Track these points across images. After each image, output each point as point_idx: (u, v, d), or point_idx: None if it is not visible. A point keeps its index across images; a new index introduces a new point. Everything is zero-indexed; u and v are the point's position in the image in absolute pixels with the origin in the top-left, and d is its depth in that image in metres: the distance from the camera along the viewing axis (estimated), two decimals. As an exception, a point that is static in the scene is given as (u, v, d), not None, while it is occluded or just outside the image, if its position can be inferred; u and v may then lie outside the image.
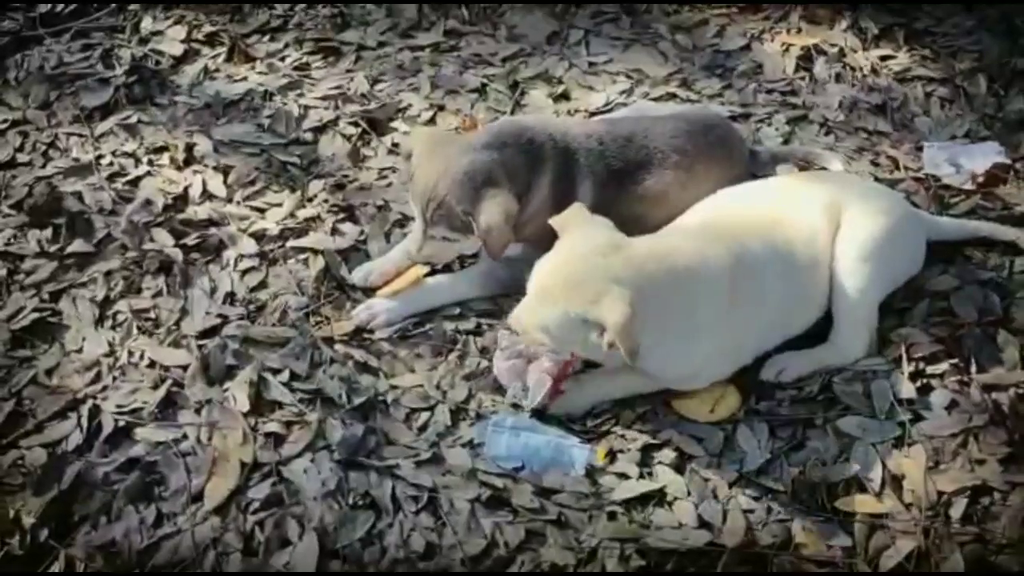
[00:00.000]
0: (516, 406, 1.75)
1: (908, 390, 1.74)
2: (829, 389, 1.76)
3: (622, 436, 1.71)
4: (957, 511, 1.58)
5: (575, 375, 1.76)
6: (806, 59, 2.64)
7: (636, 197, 1.95)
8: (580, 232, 1.66)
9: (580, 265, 1.61)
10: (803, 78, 2.59)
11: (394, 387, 1.80)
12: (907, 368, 1.77)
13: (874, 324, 1.82)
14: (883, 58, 2.65)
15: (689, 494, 1.62)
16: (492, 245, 1.80)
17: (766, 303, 1.75)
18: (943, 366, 1.78)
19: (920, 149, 2.35)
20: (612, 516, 1.59)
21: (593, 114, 2.42)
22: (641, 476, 1.64)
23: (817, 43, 2.69)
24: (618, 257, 1.61)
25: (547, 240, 1.70)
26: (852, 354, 1.80)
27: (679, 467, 1.66)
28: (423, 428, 1.74)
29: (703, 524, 1.58)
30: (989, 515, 1.58)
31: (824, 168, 2.24)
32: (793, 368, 1.79)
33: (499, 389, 1.79)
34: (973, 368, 1.78)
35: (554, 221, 1.70)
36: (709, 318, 1.67)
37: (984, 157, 2.30)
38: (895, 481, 1.62)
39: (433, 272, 1.99)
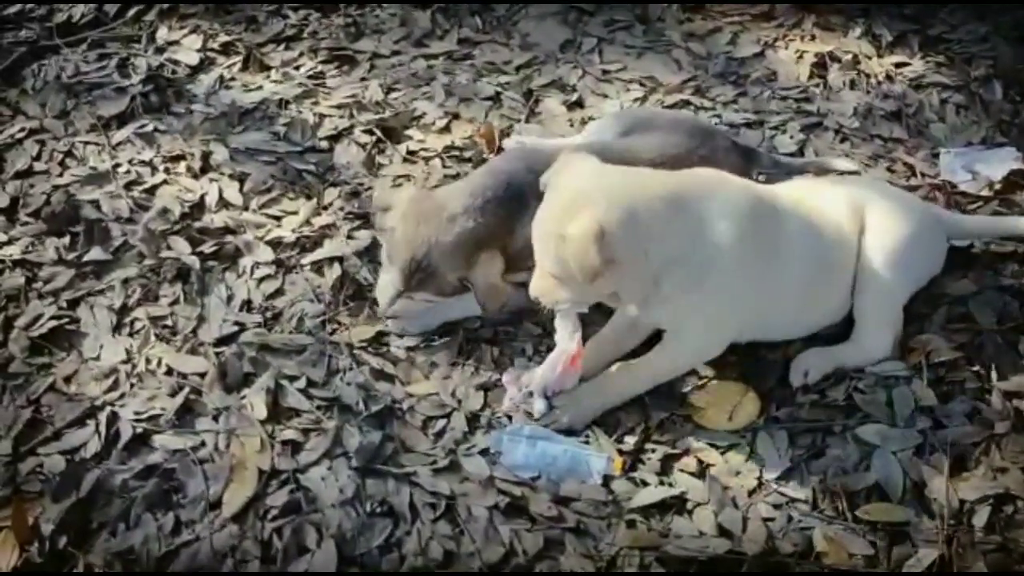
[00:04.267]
0: (528, 414, 1.74)
1: (929, 397, 1.73)
2: (849, 397, 1.75)
3: (641, 445, 1.70)
4: (980, 519, 1.56)
5: (572, 389, 1.76)
6: (820, 66, 2.64)
7: None
8: (567, 171, 1.64)
9: (568, 193, 1.59)
10: (817, 85, 2.59)
11: (410, 395, 1.80)
12: (928, 375, 1.76)
13: (900, 324, 1.81)
14: (898, 65, 2.65)
15: (709, 502, 1.61)
16: (491, 304, 1.84)
17: (785, 267, 1.71)
18: (964, 373, 1.77)
19: (936, 155, 2.34)
20: (631, 524, 1.58)
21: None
22: (660, 484, 1.63)
23: (831, 50, 2.68)
24: (613, 177, 1.60)
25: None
26: (876, 353, 1.79)
27: (699, 475, 1.65)
28: (440, 435, 1.74)
29: (723, 532, 1.57)
30: (1012, 523, 1.56)
31: (840, 174, 2.24)
32: (817, 367, 1.77)
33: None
34: (994, 375, 1.77)
35: (544, 178, 1.68)
36: (720, 260, 1.62)
37: (1001, 163, 2.29)
38: (917, 489, 1.61)
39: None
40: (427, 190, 2.01)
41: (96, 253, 2.06)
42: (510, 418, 1.75)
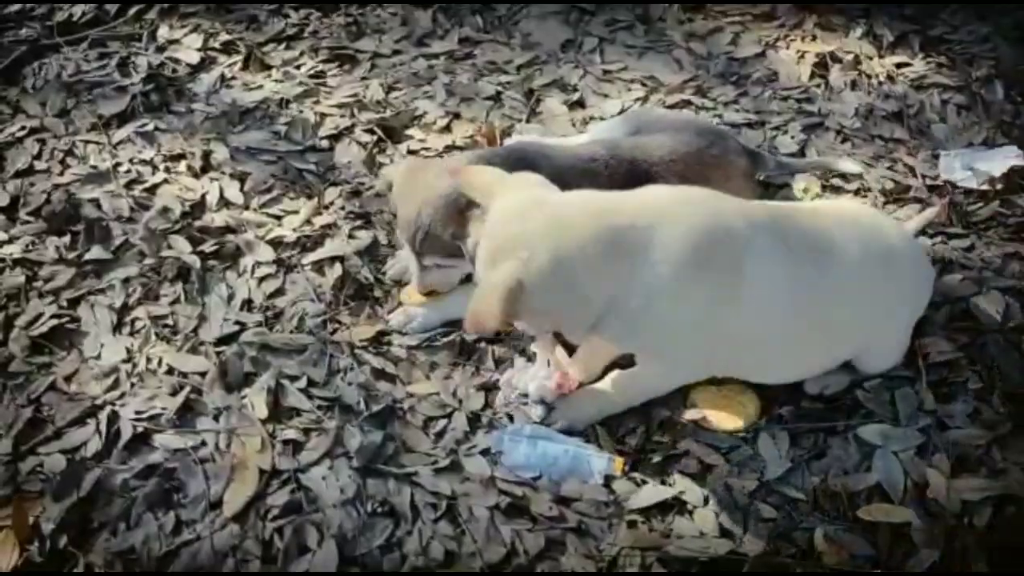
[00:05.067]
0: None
1: (931, 398, 1.73)
2: (852, 397, 1.75)
3: (642, 445, 1.70)
4: (981, 520, 1.56)
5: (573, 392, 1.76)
6: (821, 66, 2.64)
7: None
8: (503, 199, 1.53)
9: (500, 231, 1.50)
10: (818, 85, 2.59)
11: (411, 394, 1.80)
12: (930, 376, 1.76)
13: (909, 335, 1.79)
14: (899, 65, 2.65)
15: (710, 502, 1.60)
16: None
17: (755, 311, 1.53)
18: (966, 374, 1.77)
19: (937, 156, 2.34)
20: (632, 524, 1.58)
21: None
22: (662, 484, 1.63)
23: (832, 50, 2.68)
24: (539, 216, 1.47)
25: None
26: (891, 363, 1.77)
27: (700, 475, 1.64)
28: (440, 435, 1.73)
29: (724, 533, 1.56)
30: (1013, 524, 1.56)
31: (842, 174, 2.24)
32: (837, 382, 1.76)
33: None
34: (996, 376, 1.76)
35: (475, 190, 1.59)
36: (657, 304, 1.48)
37: (1002, 161, 2.29)
38: (918, 490, 1.60)
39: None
40: (424, 159, 2.02)
41: (97, 252, 2.06)
42: (511, 418, 1.75)
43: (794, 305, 1.56)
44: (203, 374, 1.81)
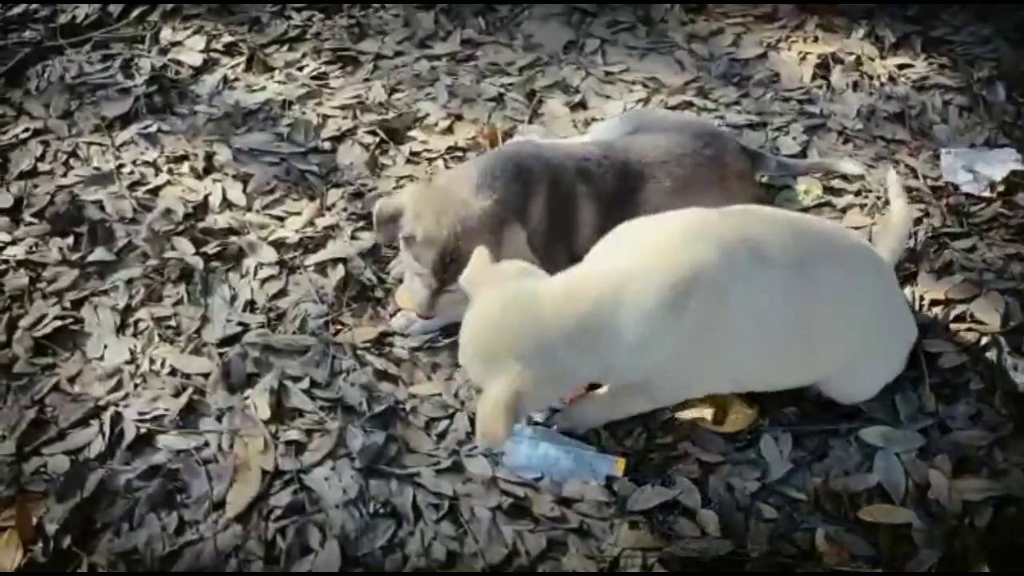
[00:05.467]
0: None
1: (932, 400, 1.73)
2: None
3: (644, 446, 1.70)
4: (982, 521, 1.56)
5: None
6: (823, 67, 2.64)
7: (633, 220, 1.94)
8: (489, 292, 1.53)
9: (485, 336, 1.51)
10: (820, 86, 2.59)
11: (413, 395, 1.80)
12: (932, 378, 1.76)
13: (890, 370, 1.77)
14: (900, 66, 2.65)
15: (711, 503, 1.61)
16: None
17: (741, 334, 1.53)
18: (967, 375, 1.77)
19: (938, 157, 2.34)
20: (634, 525, 1.58)
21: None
22: (663, 485, 1.64)
23: (834, 51, 2.68)
24: (518, 321, 1.48)
25: (547, 258, 1.73)
26: (862, 395, 1.75)
27: (701, 476, 1.65)
28: (442, 436, 1.74)
29: (726, 533, 1.57)
30: (1015, 525, 1.56)
31: (844, 175, 2.24)
32: None
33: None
34: (997, 377, 1.77)
35: (464, 279, 1.58)
36: (645, 357, 1.51)
37: (1001, 164, 2.29)
38: (919, 491, 1.61)
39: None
40: (428, 184, 1.99)
41: (100, 254, 2.07)
42: None
43: (783, 316, 1.54)
44: (206, 375, 1.81)
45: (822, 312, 1.57)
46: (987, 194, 2.21)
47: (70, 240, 2.10)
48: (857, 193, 2.24)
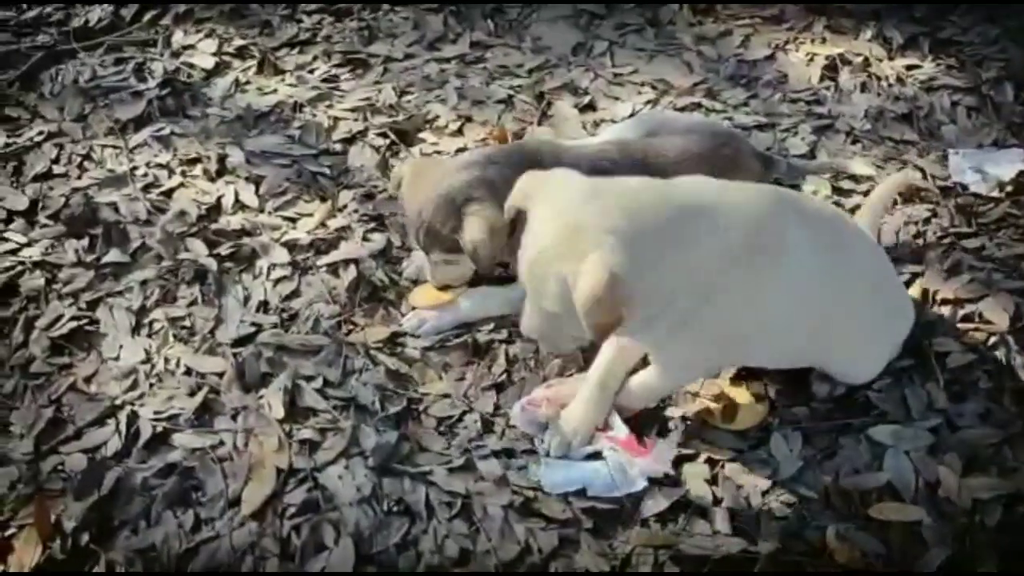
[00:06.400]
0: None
1: (942, 398, 1.74)
2: (863, 397, 1.76)
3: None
4: (992, 519, 1.57)
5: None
6: (831, 69, 2.65)
7: None
8: (551, 190, 1.47)
9: (563, 224, 1.41)
10: (828, 88, 2.60)
11: (425, 395, 1.82)
12: (942, 376, 1.77)
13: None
14: (908, 67, 2.66)
15: (722, 501, 1.62)
16: (479, 260, 1.81)
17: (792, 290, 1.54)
18: (976, 374, 1.78)
19: (946, 158, 2.35)
20: (645, 523, 1.59)
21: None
22: (674, 484, 1.64)
23: (842, 53, 2.69)
24: (610, 201, 1.41)
25: None
26: (866, 374, 1.77)
27: (712, 474, 1.66)
28: (454, 435, 1.75)
29: (737, 531, 1.58)
30: (1024, 524, 1.57)
31: (853, 176, 2.25)
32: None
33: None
34: (1006, 376, 1.77)
35: (511, 201, 1.53)
36: (717, 278, 1.47)
37: (1010, 164, 2.30)
38: (929, 488, 1.61)
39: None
40: (432, 157, 2.03)
41: (114, 255, 2.09)
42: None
43: (819, 287, 1.58)
44: (220, 375, 1.83)
45: (842, 289, 1.61)
46: (996, 194, 2.21)
47: (85, 242, 2.12)
48: (866, 193, 2.24)
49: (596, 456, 1.67)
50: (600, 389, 1.70)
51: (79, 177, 2.31)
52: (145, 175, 2.31)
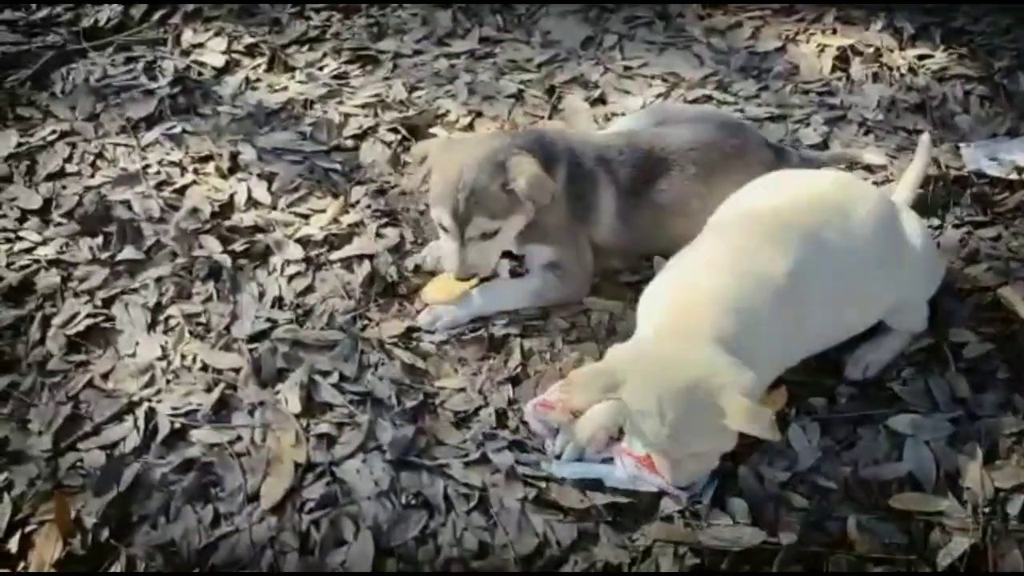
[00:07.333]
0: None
1: (962, 388, 1.73)
2: (884, 388, 1.75)
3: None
4: (1014, 508, 1.56)
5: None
6: (842, 59, 2.64)
7: (655, 207, 1.96)
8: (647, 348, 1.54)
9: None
10: (840, 78, 2.59)
11: (441, 388, 1.82)
12: (960, 366, 1.76)
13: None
14: (920, 57, 2.65)
15: (742, 493, 1.61)
16: (541, 196, 1.82)
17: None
18: (995, 363, 1.77)
19: (959, 147, 2.34)
20: (665, 517, 1.59)
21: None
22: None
23: (853, 43, 2.68)
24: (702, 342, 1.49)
25: (568, 240, 1.82)
26: (920, 326, 1.81)
27: (731, 467, 1.65)
28: (469, 429, 1.75)
29: (757, 523, 1.57)
30: (1046, 513, 1.56)
31: (867, 166, 2.24)
32: (876, 362, 1.78)
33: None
34: (1025, 365, 1.77)
35: (595, 377, 1.52)
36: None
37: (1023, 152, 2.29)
38: (950, 478, 1.61)
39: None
40: (455, 137, 2.04)
41: (129, 252, 2.09)
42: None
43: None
44: (237, 370, 1.83)
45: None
46: (1013, 176, 2.20)
47: (100, 240, 2.13)
48: (880, 183, 2.24)
49: (609, 461, 1.66)
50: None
51: (92, 175, 2.31)
52: (158, 173, 2.32)
